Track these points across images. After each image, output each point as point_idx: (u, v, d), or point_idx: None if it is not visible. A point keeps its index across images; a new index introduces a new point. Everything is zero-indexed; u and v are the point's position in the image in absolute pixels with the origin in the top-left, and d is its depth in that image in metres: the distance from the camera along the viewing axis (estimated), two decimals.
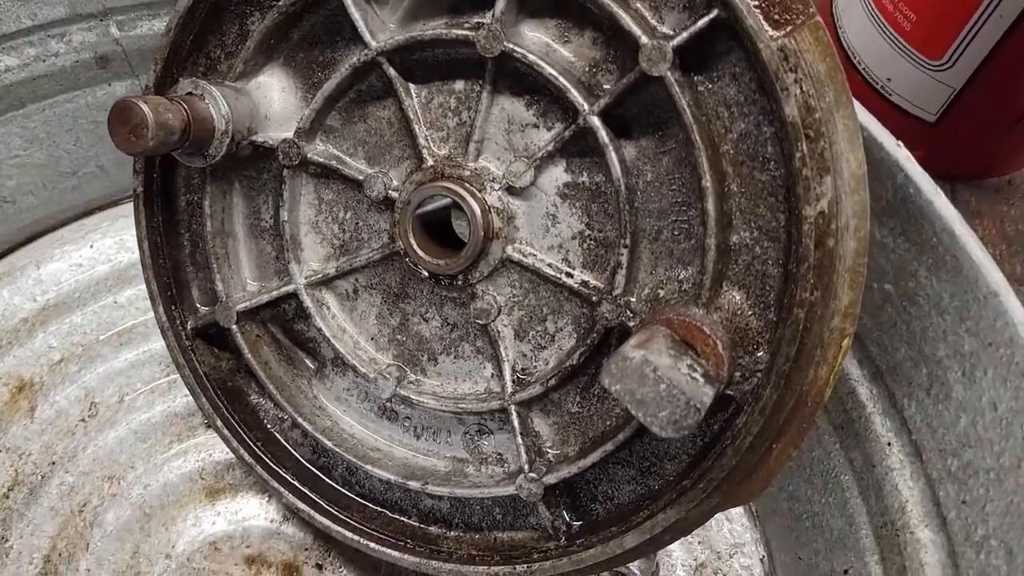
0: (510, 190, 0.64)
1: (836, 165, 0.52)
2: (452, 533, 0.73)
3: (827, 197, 0.52)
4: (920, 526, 0.62)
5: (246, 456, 0.77)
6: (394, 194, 0.67)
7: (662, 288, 0.60)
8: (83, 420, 0.89)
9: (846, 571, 0.70)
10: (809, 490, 0.73)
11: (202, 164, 0.68)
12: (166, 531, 0.86)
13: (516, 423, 0.67)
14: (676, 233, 0.59)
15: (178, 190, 0.76)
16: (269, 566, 0.84)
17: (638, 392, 0.47)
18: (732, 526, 0.82)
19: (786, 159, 0.53)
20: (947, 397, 0.59)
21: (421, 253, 0.66)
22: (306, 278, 0.73)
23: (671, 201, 0.59)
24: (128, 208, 0.98)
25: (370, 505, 0.77)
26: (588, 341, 0.63)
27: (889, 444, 0.65)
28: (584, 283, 0.63)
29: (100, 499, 0.87)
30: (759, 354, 0.57)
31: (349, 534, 0.75)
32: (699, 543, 0.83)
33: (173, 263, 0.77)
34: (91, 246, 0.96)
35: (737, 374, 0.58)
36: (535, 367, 0.67)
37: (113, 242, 0.95)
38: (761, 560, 0.80)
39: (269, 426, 0.80)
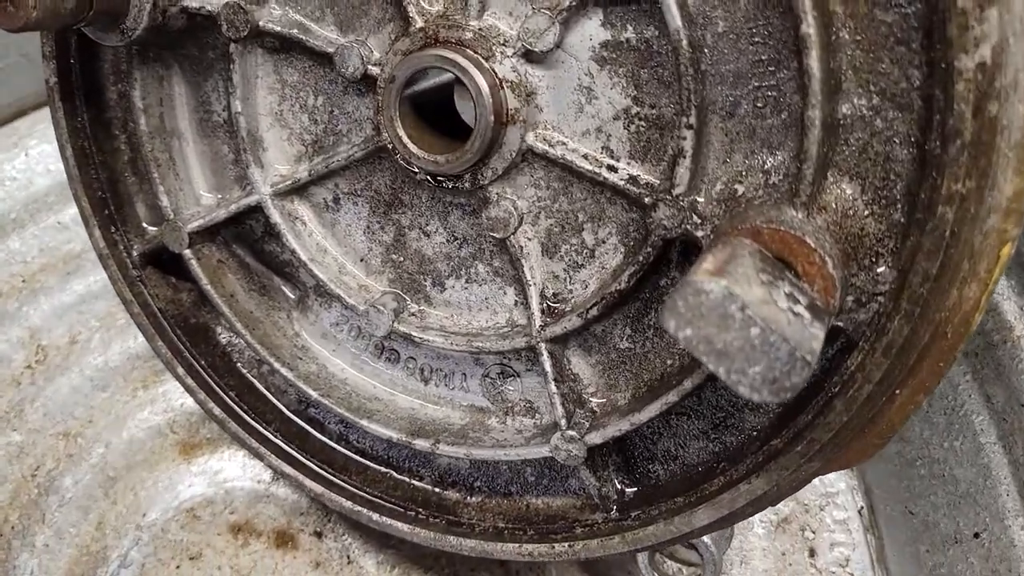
0: (528, 56, 0.50)
1: None
2: (473, 499, 0.63)
3: (990, 41, 0.38)
4: None
5: (216, 410, 0.67)
6: (375, 69, 0.53)
7: (741, 182, 0.47)
8: (29, 367, 0.79)
9: (977, 534, 0.58)
10: (927, 431, 0.61)
11: (120, 41, 0.55)
12: (135, 497, 0.77)
13: (548, 365, 0.55)
14: (760, 105, 0.45)
15: (105, 79, 0.64)
16: (258, 535, 0.75)
17: (718, 339, 0.35)
18: None
19: None
20: None
21: (413, 147, 0.52)
22: (272, 186, 0.60)
23: (752, 60, 0.45)
24: None
25: (372, 465, 0.67)
26: (640, 257, 0.50)
27: None
28: (632, 179, 0.49)
29: (55, 461, 0.79)
30: (880, 269, 0.44)
31: (346, 502, 0.65)
32: None
33: (109, 173, 0.65)
34: (25, 154, 0.86)
35: (850, 298, 0.44)
36: (571, 292, 0.54)
37: (52, 149, 0.83)
38: (860, 512, 0.69)
39: (244, 371, 0.69)
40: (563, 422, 0.55)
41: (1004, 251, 0.42)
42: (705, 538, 0.63)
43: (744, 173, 0.47)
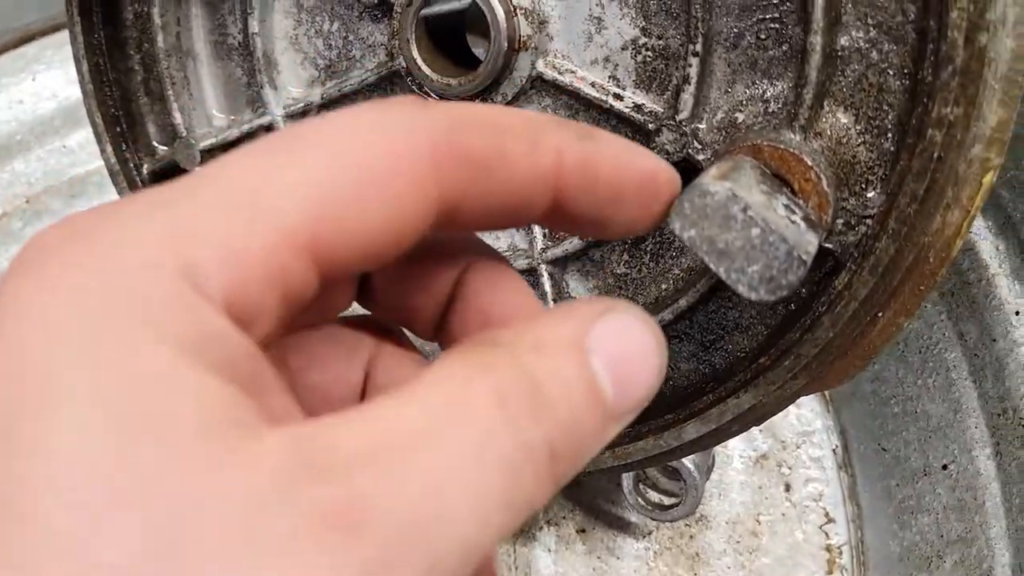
0: None
1: None
2: None
3: None
4: None
5: None
6: None
7: (741, 111, 0.49)
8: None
9: (945, 466, 0.61)
10: (902, 369, 0.64)
11: None
12: None
13: (548, 286, 0.56)
14: (763, 37, 0.47)
15: None
16: None
17: (720, 239, 0.37)
18: (800, 411, 0.73)
19: None
20: None
21: (427, 70, 0.54)
22: (285, 108, 0.61)
23: None
24: None
25: None
26: None
27: (1017, 313, 0.55)
28: (637, 107, 0.51)
29: None
30: (869, 194, 0.46)
31: None
32: (759, 430, 0.74)
33: (122, 91, 0.66)
34: (33, 79, 0.85)
35: (839, 221, 0.47)
36: None
37: (60, 74, 0.84)
38: (834, 451, 0.71)
39: None
40: None
41: (986, 179, 0.45)
42: (689, 465, 0.66)
43: (744, 102, 0.49)
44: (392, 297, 0.36)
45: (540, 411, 0.26)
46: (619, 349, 0.28)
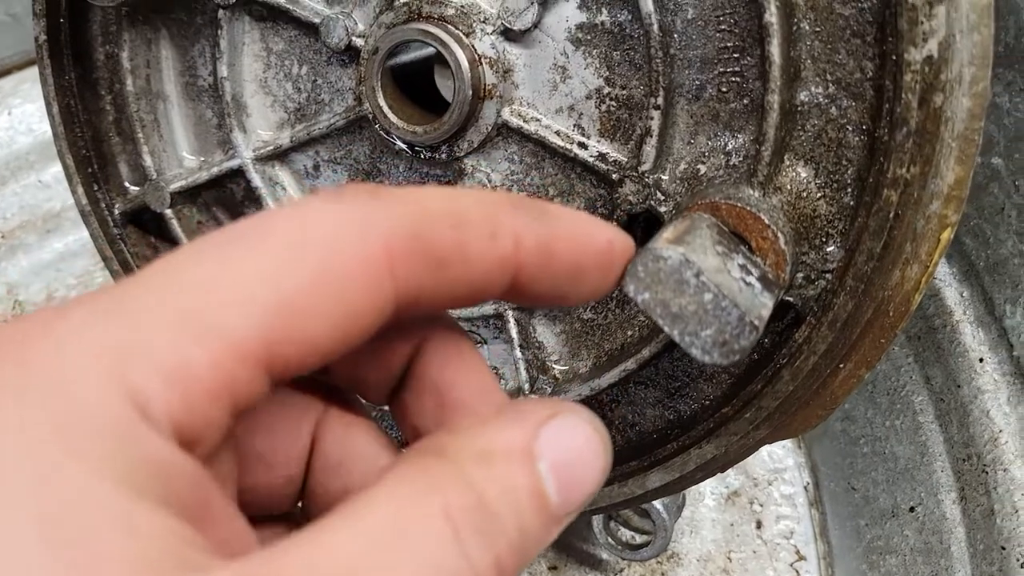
0: (507, 34, 0.52)
1: None
2: None
3: (938, 36, 0.40)
4: (1017, 462, 0.53)
5: None
6: (359, 41, 0.55)
7: (703, 163, 0.49)
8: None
9: (912, 508, 0.61)
10: (871, 410, 0.64)
11: (111, 2, 0.56)
12: None
13: (514, 332, 0.57)
14: (724, 90, 0.48)
15: (93, 39, 0.64)
16: None
17: (674, 303, 0.37)
18: (772, 448, 0.73)
19: None
20: None
21: (393, 117, 0.54)
22: (254, 151, 0.61)
23: (718, 47, 0.47)
24: None
25: None
26: None
27: (981, 360, 0.55)
28: (602, 156, 0.51)
29: None
30: (829, 249, 0.46)
31: None
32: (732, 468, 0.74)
33: (93, 132, 0.66)
34: (8, 113, 0.85)
35: (800, 275, 0.47)
36: None
37: (35, 108, 0.84)
38: (805, 488, 0.71)
39: None
40: (527, 387, 0.57)
41: (944, 235, 0.45)
42: (658, 506, 0.66)
43: (707, 154, 0.49)
44: (345, 367, 0.35)
45: (488, 529, 0.26)
46: (566, 454, 0.28)
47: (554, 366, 0.58)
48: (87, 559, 0.21)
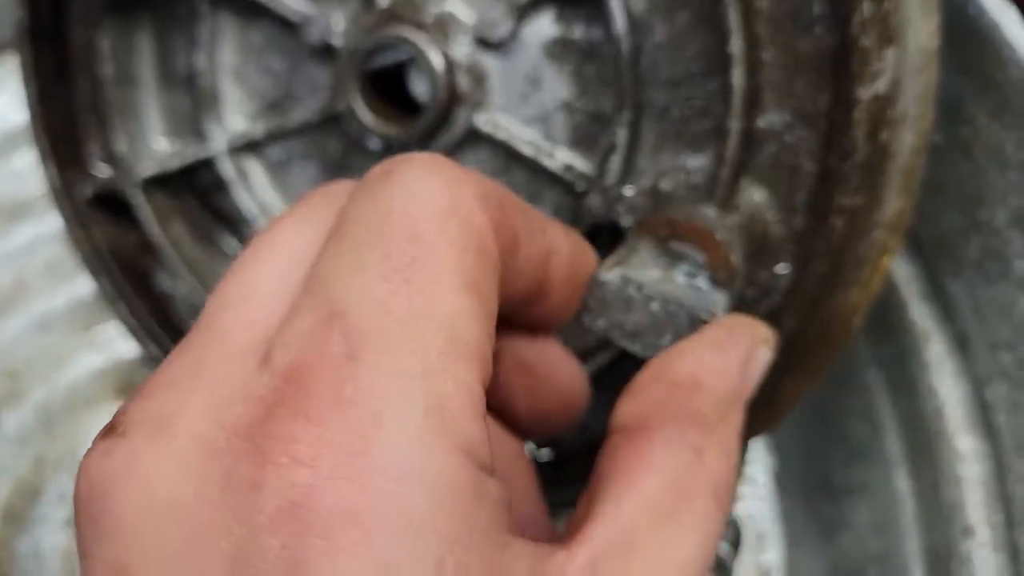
0: (483, 43, 0.54)
1: (901, 34, 0.43)
2: None
3: (886, 76, 0.44)
4: (959, 433, 0.56)
5: (155, 350, 0.70)
6: (337, 41, 0.57)
7: (665, 179, 0.52)
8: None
9: (864, 485, 0.64)
10: (826, 390, 0.67)
11: None
12: (73, 434, 0.80)
13: None
14: (688, 111, 0.51)
15: (73, 23, 0.66)
16: None
17: (628, 322, 0.40)
18: None
19: (839, 23, 0.44)
20: (1004, 276, 0.52)
21: (368, 117, 0.57)
22: (227, 141, 0.63)
23: (685, 70, 0.50)
24: None
25: None
26: None
27: (926, 334, 0.58)
28: (568, 167, 0.54)
29: None
30: (778, 269, 0.50)
31: None
32: None
33: (67, 114, 0.68)
34: None
35: (750, 292, 0.50)
36: None
37: (5, 99, 0.85)
38: (768, 471, 0.75)
39: (186, 318, 0.72)
40: None
41: (883, 261, 0.49)
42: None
43: (669, 171, 0.52)
44: None
45: (735, 487, 0.32)
46: (755, 382, 0.38)
47: None
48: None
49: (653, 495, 0.30)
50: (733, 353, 0.37)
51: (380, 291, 0.27)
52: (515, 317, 0.38)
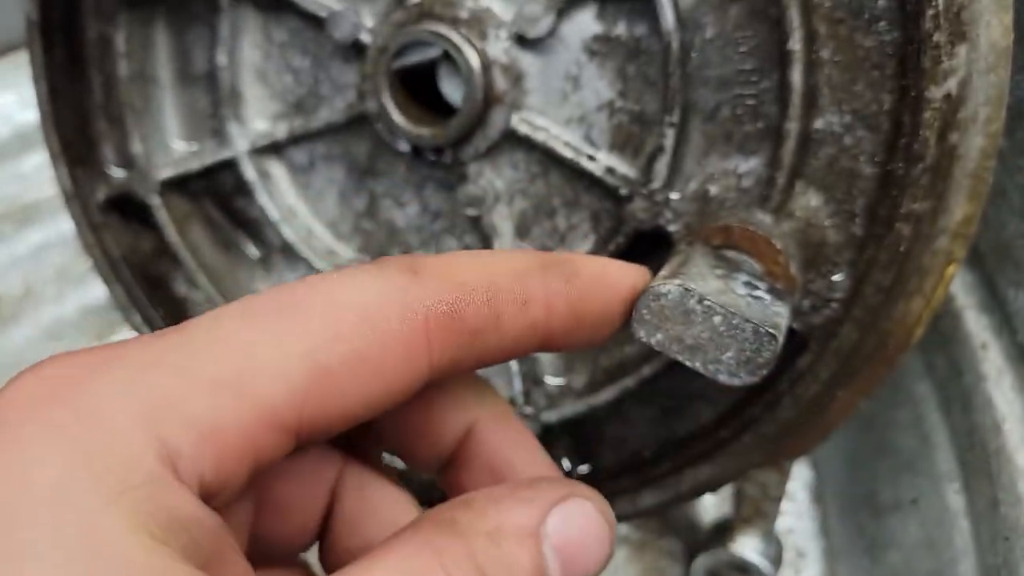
0: (521, 40, 0.52)
1: (974, 31, 0.41)
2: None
3: (958, 75, 0.42)
4: (1021, 449, 0.54)
5: None
6: (366, 38, 0.55)
7: (714, 184, 0.50)
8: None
9: (915, 501, 0.62)
10: (872, 402, 0.65)
11: None
12: None
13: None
14: (739, 112, 0.49)
15: (86, 19, 0.64)
16: None
17: (688, 336, 0.38)
18: None
19: (908, 18, 0.42)
20: None
21: (399, 118, 0.55)
22: (249, 142, 0.61)
23: (737, 68, 0.48)
24: None
25: None
26: (610, 246, 0.53)
27: (984, 346, 0.56)
28: (610, 170, 0.52)
29: None
30: (836, 278, 0.48)
31: None
32: None
33: (80, 114, 0.65)
34: None
35: (806, 302, 0.48)
36: None
37: (14, 98, 0.84)
38: (807, 484, 0.73)
39: None
40: (520, 399, 0.57)
41: (949, 271, 0.46)
42: (755, 559, 0.65)
43: (718, 175, 0.50)
44: (396, 439, 0.37)
45: None
46: (572, 537, 0.31)
47: (549, 380, 0.58)
48: None
49: None
50: (528, 492, 0.32)
51: (218, 318, 0.28)
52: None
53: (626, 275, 0.36)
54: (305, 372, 0.27)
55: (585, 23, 0.52)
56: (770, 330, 0.38)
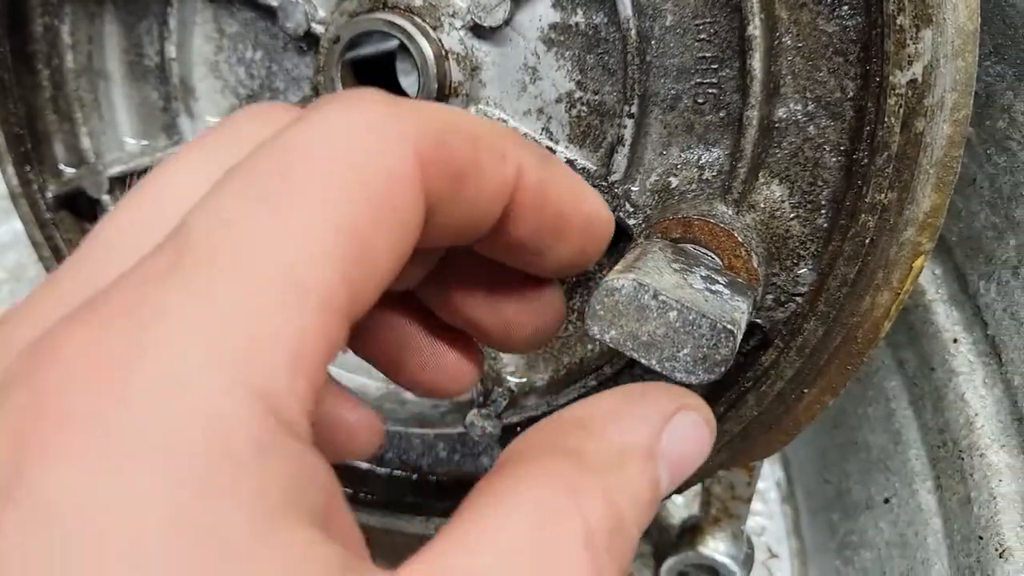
0: (476, 30, 0.50)
1: (940, 13, 0.40)
2: (382, 471, 0.63)
3: (923, 60, 0.40)
4: (993, 447, 0.53)
5: None
6: (319, 28, 0.53)
7: (675, 175, 0.48)
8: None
9: (887, 500, 0.60)
10: (842, 399, 0.63)
11: None
12: None
13: None
14: (700, 101, 0.47)
15: (32, 10, 0.62)
16: None
17: (642, 332, 0.36)
18: None
19: (871, 2, 0.41)
20: None
21: None
22: None
23: (697, 56, 0.46)
24: None
25: None
26: None
27: (955, 341, 0.55)
28: (569, 163, 0.51)
29: None
30: (800, 271, 0.46)
31: None
32: None
33: (27, 108, 0.63)
34: None
35: (769, 296, 0.46)
36: None
37: None
38: (777, 484, 0.71)
39: None
40: (480, 399, 0.56)
41: (917, 263, 0.45)
42: (725, 560, 0.63)
43: (679, 166, 0.48)
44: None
45: (620, 546, 0.27)
46: (682, 452, 0.32)
47: (509, 378, 0.57)
48: None
49: (512, 538, 0.25)
50: (641, 407, 0.32)
51: (229, 211, 0.24)
52: (498, 250, 0.34)
53: (593, 196, 0.34)
54: (343, 244, 0.24)
55: (542, 11, 0.50)
56: (728, 325, 0.36)
